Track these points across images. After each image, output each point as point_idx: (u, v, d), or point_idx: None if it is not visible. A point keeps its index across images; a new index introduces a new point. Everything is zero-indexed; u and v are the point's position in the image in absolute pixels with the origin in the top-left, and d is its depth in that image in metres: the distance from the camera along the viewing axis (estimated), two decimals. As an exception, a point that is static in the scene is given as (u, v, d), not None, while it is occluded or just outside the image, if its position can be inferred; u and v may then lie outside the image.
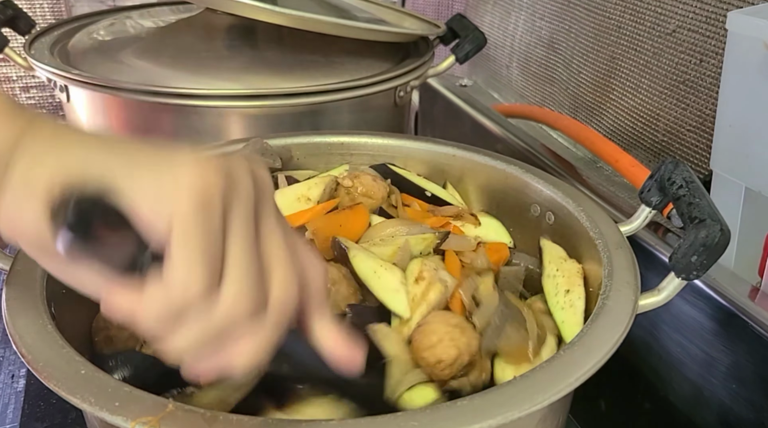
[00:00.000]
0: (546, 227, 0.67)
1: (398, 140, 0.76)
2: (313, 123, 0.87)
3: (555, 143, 1.01)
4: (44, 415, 0.75)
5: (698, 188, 0.55)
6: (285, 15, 0.85)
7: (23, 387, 0.79)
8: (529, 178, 0.69)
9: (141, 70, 0.91)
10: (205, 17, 1.05)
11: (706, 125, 0.78)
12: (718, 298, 0.64)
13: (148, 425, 0.38)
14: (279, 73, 0.91)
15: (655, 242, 0.71)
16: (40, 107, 1.29)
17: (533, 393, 0.42)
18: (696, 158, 0.80)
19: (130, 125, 0.89)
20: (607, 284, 0.52)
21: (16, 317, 0.47)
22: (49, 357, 0.43)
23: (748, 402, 0.62)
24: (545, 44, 1.08)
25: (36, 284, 0.51)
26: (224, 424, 0.38)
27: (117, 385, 0.41)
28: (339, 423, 0.39)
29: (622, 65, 0.90)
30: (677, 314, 0.67)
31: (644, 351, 0.72)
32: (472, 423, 0.39)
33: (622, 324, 0.48)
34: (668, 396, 0.70)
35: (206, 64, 0.92)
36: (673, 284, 0.52)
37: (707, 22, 0.75)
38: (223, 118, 0.86)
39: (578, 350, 0.46)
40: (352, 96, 0.86)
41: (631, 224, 0.62)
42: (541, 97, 1.12)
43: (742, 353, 0.62)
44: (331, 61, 0.95)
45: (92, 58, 0.95)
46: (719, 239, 0.50)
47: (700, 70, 0.77)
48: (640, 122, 0.89)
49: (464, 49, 1.00)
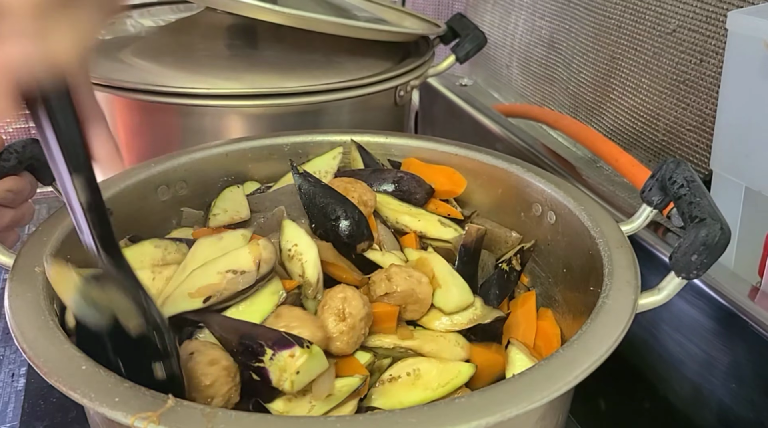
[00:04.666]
0: (547, 226, 0.67)
1: (399, 139, 0.77)
2: (313, 122, 0.87)
3: (555, 143, 1.01)
4: (44, 414, 0.75)
5: (699, 187, 0.55)
6: (285, 14, 0.85)
7: (23, 385, 0.79)
8: (530, 177, 0.69)
9: (141, 70, 0.91)
10: (205, 16, 1.05)
11: (706, 125, 0.78)
12: (717, 298, 0.64)
13: (148, 420, 0.38)
14: (279, 73, 0.91)
15: (655, 241, 0.72)
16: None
17: (532, 391, 0.42)
18: (696, 157, 0.80)
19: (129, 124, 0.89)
20: (607, 283, 0.52)
21: (18, 314, 0.47)
22: (50, 353, 0.44)
23: (747, 402, 0.62)
24: (545, 44, 1.08)
25: (38, 281, 0.51)
26: (223, 420, 0.38)
27: (117, 381, 0.41)
28: (337, 419, 0.39)
29: (623, 65, 0.90)
30: (677, 313, 0.67)
31: (644, 350, 0.72)
32: (471, 420, 0.39)
33: (622, 323, 0.48)
34: (668, 396, 0.70)
35: (206, 64, 0.92)
36: (674, 283, 0.52)
37: (707, 21, 0.75)
38: (223, 117, 0.86)
39: (578, 348, 0.46)
40: (353, 95, 0.86)
41: (632, 224, 0.62)
42: (541, 96, 1.12)
43: (741, 352, 0.62)
44: (331, 61, 0.95)
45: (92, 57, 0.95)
46: (719, 238, 0.50)
47: (701, 70, 0.77)
48: (640, 122, 0.89)
49: (464, 48, 1.01)
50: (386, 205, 0.69)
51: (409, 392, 0.54)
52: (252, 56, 0.96)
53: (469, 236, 0.65)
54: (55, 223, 0.58)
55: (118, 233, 0.64)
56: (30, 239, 0.56)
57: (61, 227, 0.58)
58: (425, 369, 0.55)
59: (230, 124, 0.87)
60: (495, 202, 0.73)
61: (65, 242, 0.57)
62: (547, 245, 0.67)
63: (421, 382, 0.54)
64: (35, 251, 0.54)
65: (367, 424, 0.39)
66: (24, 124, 1.30)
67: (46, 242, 0.56)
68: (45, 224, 0.58)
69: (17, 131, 1.30)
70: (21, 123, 1.30)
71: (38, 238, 0.56)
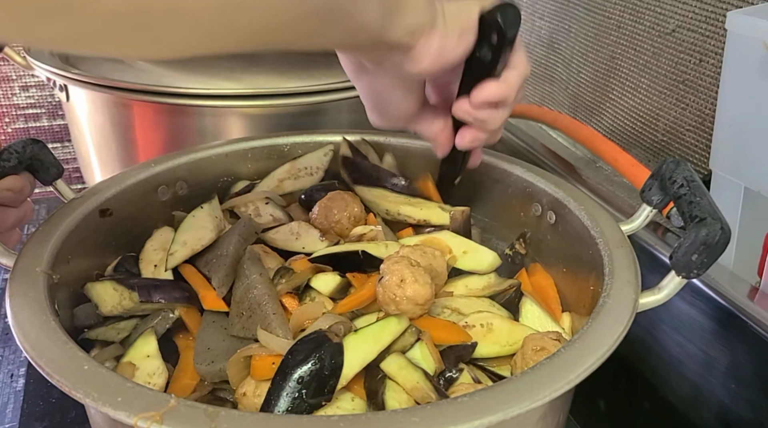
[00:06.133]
0: (547, 226, 0.67)
1: (399, 138, 0.77)
2: (313, 122, 0.87)
3: (554, 143, 1.01)
4: (44, 414, 0.75)
5: (699, 187, 0.55)
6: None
7: (22, 386, 0.79)
8: (530, 177, 0.69)
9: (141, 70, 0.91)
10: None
11: (705, 125, 0.78)
12: (717, 298, 0.64)
13: (151, 420, 0.38)
14: (279, 73, 0.91)
15: (655, 241, 0.72)
16: (38, 107, 1.30)
17: (534, 390, 0.42)
18: (695, 157, 0.80)
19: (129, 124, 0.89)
20: (607, 283, 0.53)
21: (19, 314, 0.47)
22: (52, 353, 0.44)
23: (747, 402, 0.62)
24: (545, 44, 1.08)
25: (39, 281, 0.51)
26: (226, 419, 0.38)
27: (120, 380, 0.41)
28: (341, 418, 0.39)
29: (622, 65, 0.90)
30: (677, 313, 0.68)
31: (644, 350, 0.72)
32: (472, 419, 0.39)
33: (622, 322, 0.48)
34: (667, 396, 0.70)
35: (206, 64, 0.92)
36: (674, 282, 0.52)
37: (707, 21, 0.75)
38: (223, 118, 0.86)
39: (579, 347, 0.46)
40: (353, 95, 0.85)
41: (632, 223, 0.62)
42: (540, 96, 1.12)
43: (741, 353, 0.62)
44: (331, 61, 0.94)
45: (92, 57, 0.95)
46: (720, 237, 0.50)
47: (700, 70, 0.77)
48: (639, 122, 0.89)
49: (464, 49, 1.00)
50: (385, 198, 0.70)
51: (480, 343, 0.57)
52: (252, 56, 0.96)
53: (455, 220, 0.69)
54: (56, 223, 0.58)
55: (118, 233, 0.65)
56: (30, 239, 0.56)
57: (62, 227, 0.58)
58: (497, 324, 0.59)
59: (230, 124, 0.87)
60: (495, 202, 0.73)
61: (65, 242, 0.57)
62: (547, 244, 0.68)
63: (493, 336, 0.58)
64: (36, 251, 0.54)
65: (369, 423, 0.39)
66: (24, 124, 1.30)
67: (46, 242, 0.56)
68: (45, 224, 0.58)
69: (17, 131, 1.31)
70: (21, 123, 1.30)
71: (39, 238, 0.56)
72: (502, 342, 0.58)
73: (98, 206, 0.63)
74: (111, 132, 0.91)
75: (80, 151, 0.99)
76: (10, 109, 1.29)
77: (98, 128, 0.92)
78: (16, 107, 1.29)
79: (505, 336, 0.58)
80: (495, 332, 0.58)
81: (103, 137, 0.92)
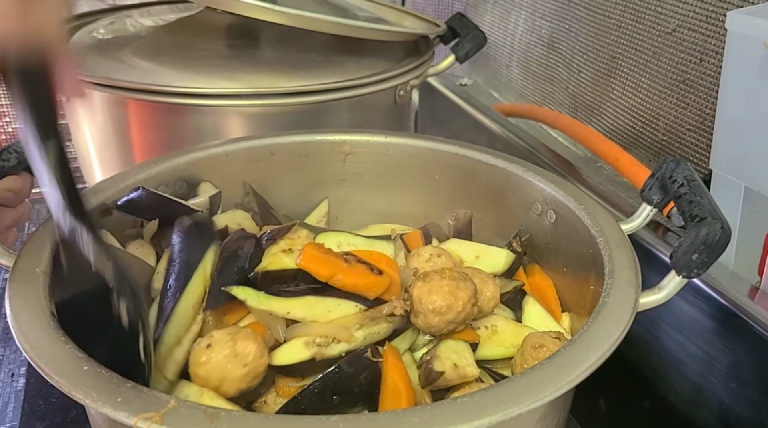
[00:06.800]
0: (547, 225, 0.67)
1: (399, 138, 0.76)
2: (313, 122, 0.87)
3: (555, 143, 1.01)
4: (44, 414, 0.74)
5: (699, 186, 0.55)
6: (285, 14, 0.85)
7: (23, 385, 0.79)
8: (530, 176, 0.69)
9: (141, 69, 0.91)
10: (205, 16, 1.05)
11: (705, 125, 0.78)
12: (717, 297, 0.64)
13: (150, 420, 0.38)
14: (279, 72, 0.91)
15: (655, 241, 0.72)
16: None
17: (534, 390, 0.42)
18: (696, 157, 0.80)
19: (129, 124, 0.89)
20: (608, 282, 0.52)
21: (19, 314, 0.47)
22: (52, 354, 0.43)
23: (747, 401, 0.62)
24: (545, 43, 1.08)
25: (39, 281, 0.51)
26: (226, 420, 0.38)
27: (120, 381, 0.41)
28: (340, 419, 0.39)
29: (622, 64, 0.90)
30: (677, 313, 0.68)
31: (644, 350, 0.72)
32: (472, 419, 0.39)
33: (622, 322, 0.48)
34: (668, 395, 0.70)
35: (206, 63, 0.92)
36: (674, 282, 0.52)
37: (707, 21, 0.75)
38: (223, 117, 0.86)
39: (579, 347, 0.46)
40: (353, 95, 0.86)
41: (632, 223, 0.62)
42: (541, 96, 1.12)
43: (741, 352, 0.62)
44: (331, 60, 0.95)
45: (92, 56, 0.95)
46: (720, 237, 0.50)
47: (700, 70, 0.77)
48: (639, 121, 0.89)
49: (464, 48, 1.01)
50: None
51: (485, 345, 0.57)
52: (252, 56, 0.96)
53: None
54: (56, 223, 0.58)
55: (118, 233, 0.64)
56: (30, 239, 0.56)
57: (62, 227, 0.58)
58: (502, 327, 0.59)
59: (230, 124, 0.86)
60: (495, 201, 0.73)
61: (66, 242, 0.57)
62: (547, 244, 0.67)
63: (497, 338, 0.58)
64: (36, 251, 0.54)
65: (370, 424, 0.39)
66: (23, 124, 1.30)
67: (46, 242, 0.56)
68: (45, 224, 0.58)
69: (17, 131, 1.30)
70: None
71: (38, 238, 0.56)
72: (506, 344, 0.58)
73: (98, 205, 0.62)
74: (111, 132, 0.91)
75: (80, 151, 0.99)
76: (11, 109, 1.28)
77: (98, 127, 0.92)
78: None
79: (509, 337, 0.58)
80: (500, 334, 0.59)
81: (104, 137, 0.92)
